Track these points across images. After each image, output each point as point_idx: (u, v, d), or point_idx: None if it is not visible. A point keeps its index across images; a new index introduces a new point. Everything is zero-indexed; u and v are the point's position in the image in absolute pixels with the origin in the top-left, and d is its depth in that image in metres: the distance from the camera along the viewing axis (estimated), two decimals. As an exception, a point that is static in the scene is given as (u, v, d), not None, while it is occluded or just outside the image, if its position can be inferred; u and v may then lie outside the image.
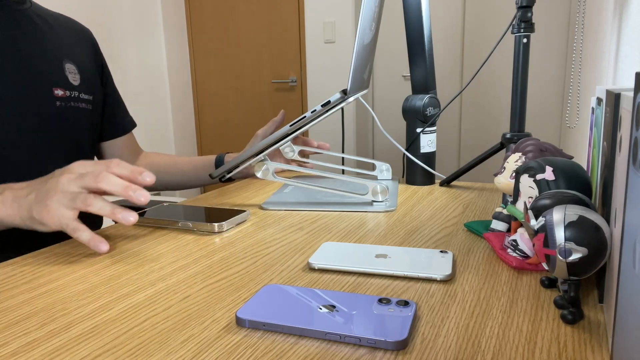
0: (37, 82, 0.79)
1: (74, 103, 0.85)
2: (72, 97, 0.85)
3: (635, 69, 0.82)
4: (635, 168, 0.30)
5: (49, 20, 0.87)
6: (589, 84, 1.45)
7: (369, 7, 0.73)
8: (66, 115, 0.84)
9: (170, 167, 1.04)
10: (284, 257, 0.58)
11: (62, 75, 0.84)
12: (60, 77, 0.83)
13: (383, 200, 0.80)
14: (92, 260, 0.58)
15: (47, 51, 0.82)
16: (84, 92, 0.88)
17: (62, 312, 0.45)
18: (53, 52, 0.83)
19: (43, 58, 0.81)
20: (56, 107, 0.82)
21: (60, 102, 0.83)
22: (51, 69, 0.82)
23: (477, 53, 2.72)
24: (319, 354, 0.37)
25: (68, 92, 0.84)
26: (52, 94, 0.81)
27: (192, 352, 0.38)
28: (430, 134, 0.94)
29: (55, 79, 0.82)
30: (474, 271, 0.52)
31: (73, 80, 0.85)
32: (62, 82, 0.83)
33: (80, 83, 0.87)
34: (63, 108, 0.83)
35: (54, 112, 0.81)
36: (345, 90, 0.73)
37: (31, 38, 0.80)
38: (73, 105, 0.85)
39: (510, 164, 0.58)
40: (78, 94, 0.86)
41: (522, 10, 0.76)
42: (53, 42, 0.84)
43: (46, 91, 0.80)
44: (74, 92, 0.85)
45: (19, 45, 0.78)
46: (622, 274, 0.32)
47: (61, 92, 0.82)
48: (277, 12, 3.09)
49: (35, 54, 0.80)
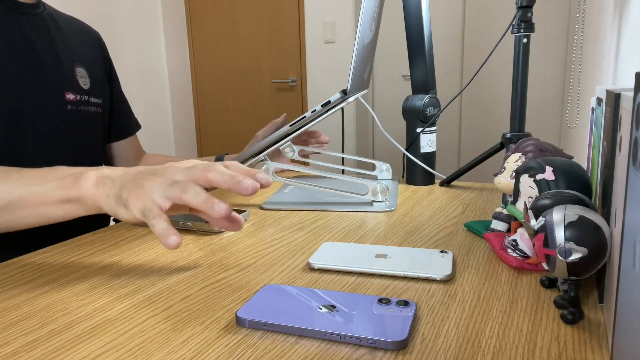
0: (49, 87, 0.80)
1: (85, 107, 0.86)
2: (83, 101, 0.85)
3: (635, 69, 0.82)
4: (635, 168, 0.30)
5: (61, 24, 0.87)
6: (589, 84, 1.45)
7: (369, 7, 0.73)
8: (77, 119, 0.84)
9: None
10: (284, 257, 0.58)
11: (73, 80, 0.84)
12: (72, 81, 0.84)
13: (383, 200, 0.80)
14: (92, 260, 0.58)
15: (59, 55, 0.83)
16: (94, 96, 0.88)
17: (62, 312, 0.45)
18: (65, 56, 0.84)
19: (55, 62, 0.82)
20: (67, 111, 0.82)
21: (72, 106, 0.83)
22: (63, 73, 0.82)
23: (477, 53, 2.72)
24: (319, 354, 0.37)
25: (79, 96, 0.85)
26: (64, 98, 0.82)
27: (192, 352, 0.38)
28: (430, 134, 0.94)
29: (67, 83, 0.83)
30: (474, 271, 0.52)
31: (84, 84, 0.86)
32: (73, 86, 0.84)
33: (90, 87, 0.88)
34: (74, 112, 0.84)
35: (65, 116, 0.82)
36: (345, 90, 0.73)
37: (45, 42, 0.81)
38: (83, 109, 0.86)
39: (510, 164, 0.58)
40: (88, 97, 0.87)
41: (522, 10, 0.76)
42: (65, 46, 0.85)
43: (58, 95, 0.81)
44: (85, 96, 0.86)
45: (35, 48, 0.79)
46: (622, 274, 0.32)
47: (72, 96, 0.83)
48: (277, 12, 3.09)
49: (49, 58, 0.81)
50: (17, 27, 0.77)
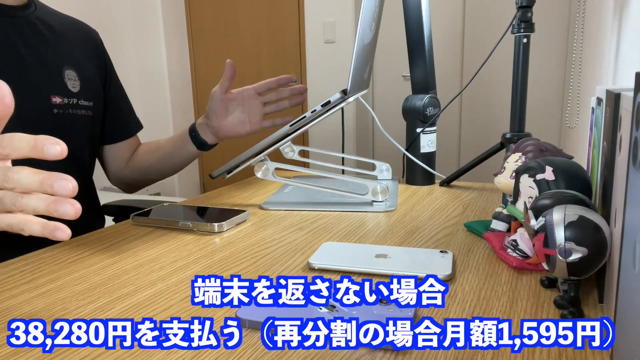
0: (34, 90, 0.79)
1: (73, 110, 0.85)
2: (71, 104, 0.84)
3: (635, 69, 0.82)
4: (635, 168, 0.30)
5: (52, 24, 0.86)
6: (589, 84, 1.45)
7: (369, 7, 0.73)
8: (64, 122, 0.83)
9: (155, 151, 1.00)
10: (284, 257, 0.58)
11: (60, 83, 0.83)
12: (59, 85, 0.83)
13: (383, 200, 0.79)
14: (92, 260, 0.58)
15: (46, 58, 0.82)
16: (84, 98, 0.87)
17: (62, 312, 0.45)
18: (53, 59, 0.83)
19: (42, 65, 0.81)
20: (53, 115, 0.81)
21: (58, 109, 0.82)
22: (49, 77, 0.81)
23: (477, 53, 2.72)
24: (319, 354, 0.37)
25: (66, 100, 0.83)
26: (50, 102, 0.81)
27: (192, 352, 0.38)
28: (430, 134, 0.94)
29: (54, 86, 0.82)
30: (474, 271, 0.52)
31: (72, 87, 0.85)
32: (61, 89, 0.83)
33: (80, 90, 0.86)
34: (61, 115, 0.82)
35: (51, 119, 0.81)
36: (345, 90, 0.73)
37: (31, 45, 0.80)
38: (71, 113, 0.84)
39: (510, 164, 0.58)
40: (77, 100, 0.85)
41: (522, 10, 0.76)
42: (54, 48, 0.84)
43: (44, 99, 0.80)
44: (73, 99, 0.85)
45: (19, 52, 0.78)
46: (622, 274, 0.32)
47: (59, 100, 0.82)
48: (277, 13, 3.09)
49: (34, 61, 0.79)
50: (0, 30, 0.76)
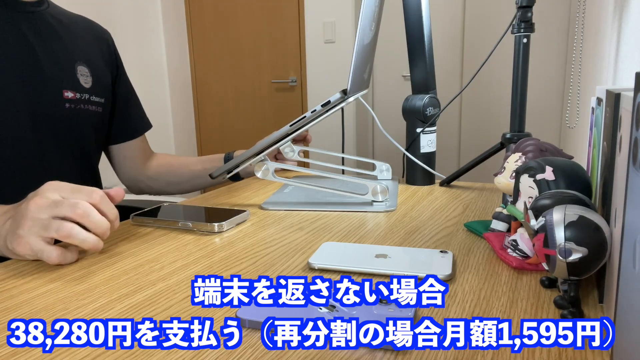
0: (47, 84, 0.79)
1: (84, 105, 0.86)
2: (83, 99, 0.85)
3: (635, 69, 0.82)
4: (635, 168, 0.30)
5: (64, 22, 0.87)
6: (589, 84, 1.45)
7: (369, 7, 0.73)
8: (75, 117, 0.84)
9: (182, 167, 1.04)
10: (284, 257, 0.58)
11: (73, 78, 0.84)
12: (71, 80, 0.84)
13: (383, 200, 0.80)
14: (93, 260, 0.58)
15: (59, 53, 0.83)
16: (96, 94, 0.88)
17: (62, 312, 0.45)
18: (66, 54, 0.84)
19: (55, 60, 0.81)
20: (65, 109, 0.82)
21: (70, 104, 0.83)
22: (62, 71, 0.82)
23: (477, 53, 2.72)
24: (319, 354, 0.37)
25: (78, 95, 0.84)
26: (62, 96, 0.82)
27: (192, 352, 0.38)
28: (430, 134, 0.94)
29: (66, 81, 0.83)
30: (474, 271, 0.52)
31: (84, 82, 0.86)
32: (73, 84, 0.84)
33: (92, 86, 0.87)
34: (72, 110, 0.83)
35: (63, 114, 0.82)
36: (345, 90, 0.73)
37: (44, 40, 0.81)
38: (83, 108, 0.85)
39: (510, 164, 0.58)
40: (89, 96, 0.86)
41: (522, 10, 0.76)
42: (67, 44, 0.85)
43: (56, 93, 0.81)
44: (85, 94, 0.86)
45: (33, 47, 0.79)
46: (622, 274, 0.32)
47: (71, 95, 0.83)
48: (277, 12, 3.08)
49: (47, 55, 0.80)
50: (14, 25, 0.77)
